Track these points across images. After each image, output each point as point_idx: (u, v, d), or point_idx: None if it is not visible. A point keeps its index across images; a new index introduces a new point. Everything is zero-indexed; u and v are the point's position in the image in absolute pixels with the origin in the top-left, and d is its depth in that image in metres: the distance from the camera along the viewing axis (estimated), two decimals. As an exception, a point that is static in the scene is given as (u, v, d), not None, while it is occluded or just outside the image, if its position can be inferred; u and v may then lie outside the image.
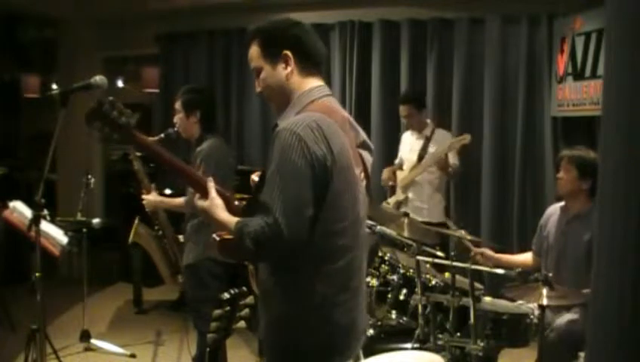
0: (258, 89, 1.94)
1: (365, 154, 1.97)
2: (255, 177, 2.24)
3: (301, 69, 1.88)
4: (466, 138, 4.19)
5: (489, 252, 3.36)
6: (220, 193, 1.91)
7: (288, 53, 1.86)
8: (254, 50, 1.90)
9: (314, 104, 1.84)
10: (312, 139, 1.70)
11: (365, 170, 1.95)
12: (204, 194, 1.90)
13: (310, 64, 1.89)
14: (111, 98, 1.91)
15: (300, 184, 1.69)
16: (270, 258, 1.81)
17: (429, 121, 4.60)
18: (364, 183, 1.93)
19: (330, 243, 1.77)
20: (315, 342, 1.80)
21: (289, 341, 1.83)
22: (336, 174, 1.74)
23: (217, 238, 1.85)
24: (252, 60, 1.92)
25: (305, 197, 1.69)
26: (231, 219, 1.81)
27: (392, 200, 4.65)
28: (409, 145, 4.63)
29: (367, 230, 3.64)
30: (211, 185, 1.90)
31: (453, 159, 4.39)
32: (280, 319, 1.84)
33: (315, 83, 1.90)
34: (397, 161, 4.76)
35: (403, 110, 4.50)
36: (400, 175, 4.63)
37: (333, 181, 1.73)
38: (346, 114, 1.94)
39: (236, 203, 1.96)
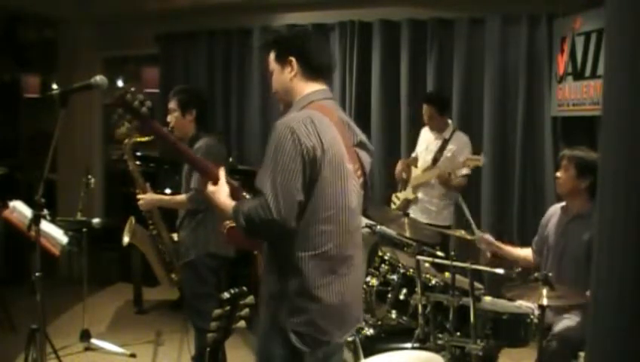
0: (273, 90, 2.18)
1: (362, 153, 2.14)
2: None
3: (303, 73, 2.10)
4: (480, 160, 4.09)
5: (492, 239, 3.37)
6: (229, 183, 2.13)
7: (293, 59, 2.09)
8: (270, 56, 2.16)
9: (313, 104, 2.05)
10: (304, 132, 1.91)
11: (362, 167, 2.13)
12: (213, 183, 2.12)
13: (312, 70, 2.10)
14: (133, 89, 2.13)
15: (290, 171, 1.88)
16: (260, 235, 2.01)
17: (450, 121, 4.54)
18: (360, 180, 2.11)
19: (316, 229, 1.95)
20: (299, 321, 1.95)
21: (277, 317, 1.98)
22: (326, 164, 1.93)
23: (227, 226, 2.06)
24: (269, 64, 2.17)
25: (294, 183, 1.88)
26: (230, 203, 2.04)
27: (401, 195, 4.62)
28: (426, 142, 4.56)
29: (368, 230, 3.66)
30: (222, 173, 2.14)
31: (465, 170, 4.31)
32: (271, 298, 2.01)
33: (316, 87, 2.11)
34: (413, 155, 4.70)
35: (425, 110, 4.45)
36: (413, 172, 4.57)
37: (322, 170, 1.93)
38: (344, 116, 2.14)
39: (244, 194, 2.18)
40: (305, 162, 1.90)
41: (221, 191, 2.09)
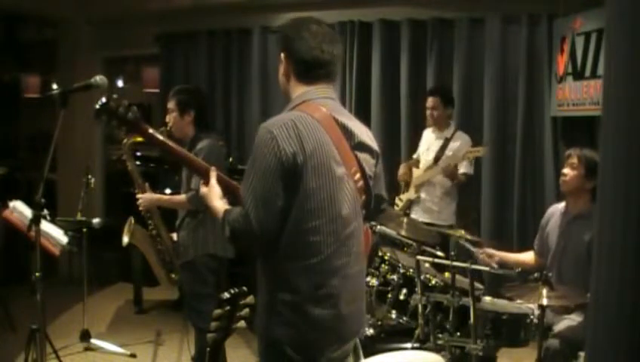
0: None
1: (363, 155, 1.99)
2: None
3: (296, 72, 1.96)
4: (481, 150, 4.16)
5: (491, 250, 3.36)
6: (226, 183, 2.04)
7: (282, 54, 1.97)
8: None
9: (305, 104, 1.91)
10: (285, 137, 1.80)
11: (362, 170, 1.97)
12: (206, 184, 2.03)
13: (303, 68, 1.94)
14: (115, 96, 2.02)
15: (269, 179, 1.79)
16: (244, 246, 1.94)
17: (452, 122, 4.54)
18: (359, 184, 1.96)
19: (302, 240, 1.83)
20: (290, 334, 1.86)
21: (268, 330, 1.90)
22: (309, 172, 1.81)
23: None
24: None
25: (274, 192, 1.79)
26: (221, 207, 1.93)
27: (404, 196, 4.61)
28: (427, 143, 4.56)
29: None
30: (213, 174, 2.02)
31: (466, 168, 4.34)
32: (262, 308, 1.92)
33: (312, 86, 1.95)
34: (414, 156, 4.70)
35: (429, 102, 4.45)
36: (415, 173, 4.57)
37: (304, 178, 1.81)
38: (343, 117, 1.96)
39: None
40: (284, 168, 1.78)
41: (212, 194, 1.98)
